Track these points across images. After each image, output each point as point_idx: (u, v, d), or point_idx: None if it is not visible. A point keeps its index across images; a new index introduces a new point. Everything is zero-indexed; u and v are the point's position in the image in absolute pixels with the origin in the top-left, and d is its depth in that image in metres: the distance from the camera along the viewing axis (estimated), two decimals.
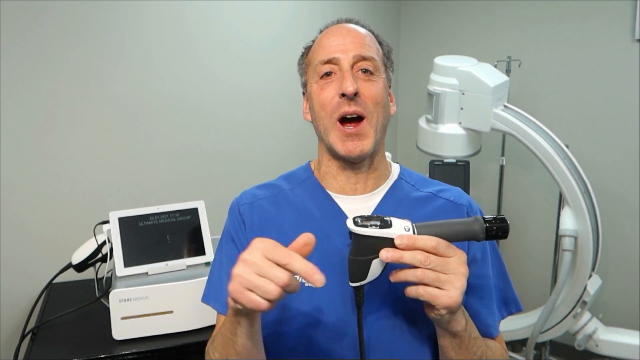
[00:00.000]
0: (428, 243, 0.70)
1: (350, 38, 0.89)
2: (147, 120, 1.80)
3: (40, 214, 1.59)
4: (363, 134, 0.86)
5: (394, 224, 0.72)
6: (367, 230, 0.71)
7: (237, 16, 1.98)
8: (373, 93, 0.87)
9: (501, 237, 0.74)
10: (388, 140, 2.75)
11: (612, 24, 2.06)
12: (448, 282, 0.70)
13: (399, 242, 0.70)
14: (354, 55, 0.87)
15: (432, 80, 1.93)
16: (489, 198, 2.46)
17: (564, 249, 1.85)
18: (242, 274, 0.67)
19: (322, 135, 0.90)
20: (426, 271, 0.70)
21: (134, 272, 1.28)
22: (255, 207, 0.93)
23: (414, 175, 0.98)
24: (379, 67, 0.89)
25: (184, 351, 1.22)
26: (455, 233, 0.74)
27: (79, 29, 1.61)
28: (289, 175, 0.99)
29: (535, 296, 2.36)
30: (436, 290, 0.70)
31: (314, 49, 0.93)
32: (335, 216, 0.89)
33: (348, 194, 0.91)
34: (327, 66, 0.88)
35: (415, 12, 2.66)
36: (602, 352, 1.92)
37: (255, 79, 2.05)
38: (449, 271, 0.70)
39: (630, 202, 2.12)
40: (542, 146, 1.80)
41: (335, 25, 0.94)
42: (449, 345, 0.78)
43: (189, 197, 1.46)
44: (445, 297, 0.70)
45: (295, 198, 0.93)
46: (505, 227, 0.74)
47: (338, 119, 0.86)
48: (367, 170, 0.91)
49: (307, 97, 0.95)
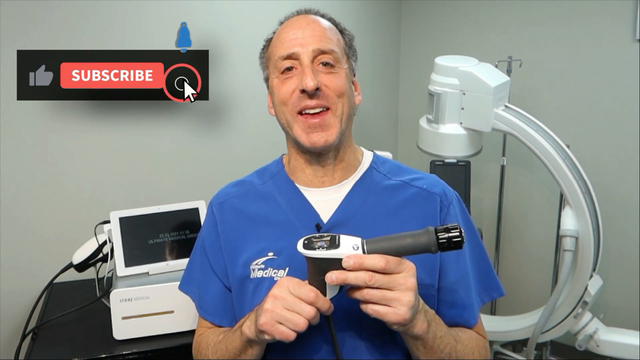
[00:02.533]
0: (377, 264, 0.70)
1: (309, 31, 0.88)
2: (148, 120, 1.80)
3: (41, 213, 1.59)
4: (327, 124, 0.86)
5: (342, 244, 0.72)
6: (315, 253, 0.72)
7: (237, 16, 1.97)
8: (335, 85, 0.87)
9: (454, 248, 0.72)
10: (389, 140, 2.76)
11: (613, 24, 2.06)
12: (394, 299, 0.71)
13: (347, 265, 0.70)
14: (313, 49, 0.86)
15: (433, 80, 1.93)
16: (489, 198, 2.46)
17: (564, 249, 1.85)
18: (273, 309, 0.73)
19: (286, 129, 0.91)
20: (371, 291, 0.71)
21: (134, 272, 1.28)
22: (227, 205, 0.97)
23: (388, 164, 0.97)
24: (339, 58, 0.89)
25: (184, 351, 1.22)
26: (406, 248, 0.72)
27: (79, 28, 1.61)
28: (262, 170, 1.02)
29: (536, 296, 2.36)
30: (384, 308, 0.71)
31: (273, 44, 0.93)
32: (303, 209, 0.91)
33: (317, 186, 0.93)
34: (287, 61, 0.88)
35: (415, 12, 2.66)
36: (603, 353, 1.92)
37: (255, 79, 2.03)
38: (395, 288, 0.71)
39: (631, 202, 2.11)
40: (543, 146, 1.80)
41: (295, 17, 0.94)
42: (413, 347, 0.80)
43: (189, 197, 1.46)
44: (392, 314, 0.71)
45: (265, 192, 0.96)
46: (458, 236, 0.71)
47: (299, 112, 0.87)
48: (333, 161, 0.92)
49: (269, 91, 0.96)
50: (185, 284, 1.03)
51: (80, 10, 1.60)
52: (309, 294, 0.72)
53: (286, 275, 0.86)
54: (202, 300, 0.97)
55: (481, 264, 0.95)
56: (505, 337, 2.10)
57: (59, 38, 1.58)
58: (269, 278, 0.87)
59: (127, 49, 1.73)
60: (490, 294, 0.95)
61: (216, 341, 0.90)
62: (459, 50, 2.15)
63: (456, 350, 0.83)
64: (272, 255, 0.89)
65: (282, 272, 0.87)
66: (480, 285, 0.94)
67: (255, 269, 0.89)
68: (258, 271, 0.89)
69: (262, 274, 0.88)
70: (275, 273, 0.87)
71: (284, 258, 0.88)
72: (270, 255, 0.89)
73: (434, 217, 0.90)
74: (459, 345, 0.84)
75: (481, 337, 0.93)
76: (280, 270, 0.87)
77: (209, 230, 0.97)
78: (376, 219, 0.90)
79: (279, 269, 0.88)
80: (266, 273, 0.88)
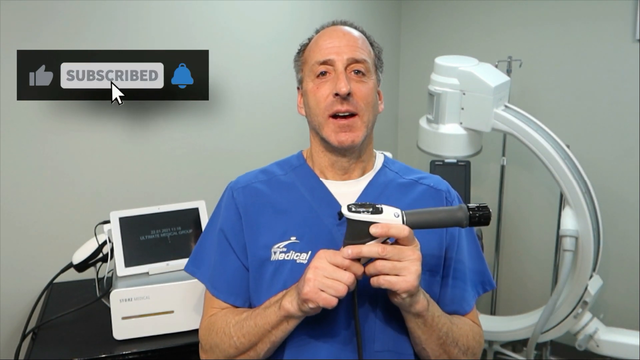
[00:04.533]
0: (401, 232, 0.79)
1: (345, 41, 0.97)
2: (148, 120, 1.80)
3: (41, 213, 1.59)
4: (355, 126, 0.94)
5: (384, 211, 0.80)
6: (360, 216, 0.79)
7: (237, 16, 1.97)
8: (364, 93, 0.95)
9: (483, 223, 0.82)
10: (389, 140, 2.76)
11: (613, 24, 2.06)
12: (404, 268, 0.79)
13: (374, 231, 0.79)
14: (348, 57, 0.95)
15: (433, 80, 1.93)
16: (489, 198, 2.46)
17: (564, 249, 1.85)
18: (315, 278, 0.80)
19: (316, 129, 0.98)
20: (383, 262, 0.79)
21: (134, 272, 1.28)
22: (249, 189, 1.01)
23: (397, 164, 1.08)
24: (370, 68, 0.98)
25: (184, 351, 1.22)
26: (441, 220, 0.82)
27: (79, 28, 1.61)
28: (282, 162, 1.07)
29: (536, 296, 2.36)
30: (394, 277, 0.79)
31: (310, 49, 1.01)
32: (326, 199, 0.98)
33: (337, 179, 1.00)
34: (322, 66, 0.96)
35: (415, 12, 2.66)
36: (603, 353, 1.92)
37: (256, 79, 2.05)
38: (404, 259, 0.79)
39: (631, 202, 2.12)
40: (543, 146, 1.80)
41: (332, 27, 1.02)
42: (415, 325, 0.87)
43: (189, 197, 1.46)
44: (402, 282, 0.79)
45: (288, 182, 1.02)
46: (487, 214, 0.82)
47: (331, 115, 0.94)
48: (356, 161, 1.00)
49: (302, 92, 1.03)
50: (193, 266, 1.04)
51: (80, 10, 1.60)
52: (344, 261, 0.80)
53: (308, 258, 0.92)
54: (216, 280, 0.98)
55: (478, 260, 1.03)
56: (505, 337, 2.10)
57: (59, 38, 1.58)
58: (291, 261, 0.93)
59: (127, 49, 1.73)
60: (484, 287, 1.04)
61: (239, 319, 0.91)
62: (459, 50, 2.15)
63: (452, 330, 0.91)
64: (294, 240, 0.94)
65: (304, 256, 0.92)
66: (477, 279, 1.02)
67: (277, 251, 0.94)
68: (280, 254, 0.94)
69: (283, 256, 0.93)
70: (297, 256, 0.93)
71: (306, 242, 0.93)
72: (292, 240, 0.94)
73: None
74: (454, 327, 0.92)
75: (475, 324, 1.00)
76: (302, 253, 0.93)
77: (228, 212, 1.00)
78: None
79: (301, 252, 0.93)
80: (288, 256, 0.93)
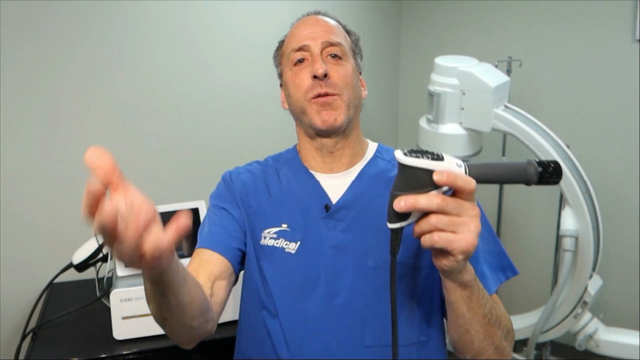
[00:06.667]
0: (468, 184, 0.66)
1: (319, 27, 0.99)
2: (148, 120, 1.80)
3: (41, 213, 1.60)
4: (335, 104, 0.94)
5: (446, 159, 0.67)
6: (419, 162, 0.65)
7: (237, 16, 1.98)
8: (342, 74, 0.95)
9: (554, 182, 0.70)
10: (389, 140, 2.76)
11: (613, 24, 2.06)
12: (462, 224, 0.66)
13: (439, 178, 0.65)
14: (322, 41, 0.96)
15: (433, 80, 1.93)
16: (489, 198, 2.46)
17: (564, 249, 1.85)
18: None
19: (299, 116, 0.99)
20: (439, 216, 0.66)
21: (134, 272, 1.28)
22: (246, 174, 1.04)
23: (391, 152, 1.05)
24: (346, 52, 0.98)
25: (184, 351, 1.22)
26: (508, 174, 0.70)
27: (80, 28, 1.61)
28: (276, 155, 1.10)
29: (535, 296, 2.36)
30: (451, 234, 0.66)
31: (286, 40, 1.03)
32: (314, 191, 0.98)
33: (326, 172, 1.00)
34: (299, 53, 0.97)
35: (415, 12, 2.66)
36: (603, 353, 1.92)
37: (255, 79, 2.05)
38: (463, 214, 0.67)
39: (631, 202, 2.12)
40: (543, 146, 1.80)
41: (306, 17, 1.04)
42: (460, 299, 0.76)
43: (189, 197, 1.46)
44: (462, 240, 0.66)
45: (281, 174, 1.03)
46: (559, 170, 0.69)
47: (312, 98, 0.94)
48: (342, 150, 0.99)
49: (283, 86, 1.04)
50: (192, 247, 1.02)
51: (80, 10, 1.60)
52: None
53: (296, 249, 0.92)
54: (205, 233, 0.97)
55: (492, 241, 0.96)
56: None
57: (59, 38, 1.58)
58: (280, 248, 0.93)
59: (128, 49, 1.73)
60: (506, 274, 0.95)
61: None
62: (459, 50, 2.15)
63: (494, 307, 0.82)
64: (285, 227, 0.95)
65: (293, 245, 0.93)
66: (494, 262, 0.94)
67: (267, 236, 0.95)
68: (269, 239, 0.95)
69: (273, 242, 0.94)
70: (286, 245, 0.93)
71: (296, 232, 0.94)
72: (284, 227, 0.95)
73: None
74: (495, 305, 0.83)
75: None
76: (292, 242, 0.93)
77: (224, 192, 1.03)
78: (382, 202, 0.90)
79: (290, 241, 0.93)
80: (277, 243, 0.94)
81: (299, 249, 0.93)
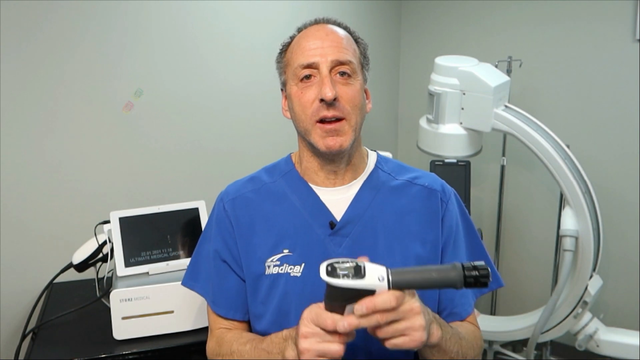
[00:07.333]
0: (389, 303, 0.71)
1: (328, 41, 0.92)
2: (148, 120, 1.80)
3: (41, 213, 1.60)
4: (342, 131, 0.91)
5: (367, 274, 0.72)
6: (340, 282, 0.71)
7: (237, 16, 1.97)
8: (350, 96, 0.91)
9: (481, 286, 0.74)
10: (389, 140, 2.76)
11: (613, 24, 2.06)
12: (407, 328, 0.73)
13: (360, 313, 0.71)
14: (332, 59, 0.90)
15: (433, 80, 1.93)
16: (489, 198, 2.46)
17: (564, 249, 1.84)
18: (310, 347, 0.74)
19: (303, 134, 0.95)
20: (384, 329, 0.73)
21: (134, 272, 1.28)
22: (240, 200, 0.99)
23: (390, 163, 1.03)
24: (356, 69, 0.93)
25: (184, 351, 1.22)
26: (431, 282, 0.74)
27: (79, 29, 1.61)
28: (270, 167, 1.04)
29: (536, 296, 2.36)
30: (400, 339, 0.74)
31: (293, 50, 0.96)
32: (316, 207, 0.95)
33: (328, 186, 0.97)
34: (306, 70, 0.91)
35: (415, 12, 2.66)
36: (603, 353, 1.91)
37: (256, 79, 2.05)
38: (404, 317, 0.73)
39: (631, 202, 2.11)
40: (543, 146, 1.80)
41: (314, 27, 0.97)
42: (429, 353, 0.84)
43: (189, 197, 1.46)
44: (409, 342, 0.74)
45: (277, 190, 0.99)
46: (485, 275, 0.73)
47: (317, 121, 0.91)
48: (345, 166, 0.97)
49: (286, 96, 0.98)
50: (190, 280, 1.03)
51: (80, 10, 1.60)
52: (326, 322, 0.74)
53: (302, 271, 0.91)
54: (216, 296, 0.98)
55: (479, 257, 1.00)
56: (505, 337, 2.10)
57: (59, 38, 1.58)
58: (285, 274, 0.92)
59: (128, 49, 1.73)
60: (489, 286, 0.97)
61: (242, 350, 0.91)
62: (459, 50, 2.15)
63: (461, 346, 0.88)
64: (287, 252, 0.93)
65: (297, 268, 0.92)
66: None
67: (271, 265, 0.93)
68: (274, 267, 0.93)
69: (277, 270, 0.93)
70: (291, 269, 0.92)
71: (298, 255, 0.93)
72: (285, 252, 0.93)
73: (436, 212, 0.97)
74: (463, 342, 0.89)
75: (475, 327, 0.99)
76: (296, 266, 0.92)
77: (220, 228, 0.99)
78: (385, 216, 0.95)
79: (294, 265, 0.92)
80: (282, 269, 0.92)
81: (304, 271, 0.92)
